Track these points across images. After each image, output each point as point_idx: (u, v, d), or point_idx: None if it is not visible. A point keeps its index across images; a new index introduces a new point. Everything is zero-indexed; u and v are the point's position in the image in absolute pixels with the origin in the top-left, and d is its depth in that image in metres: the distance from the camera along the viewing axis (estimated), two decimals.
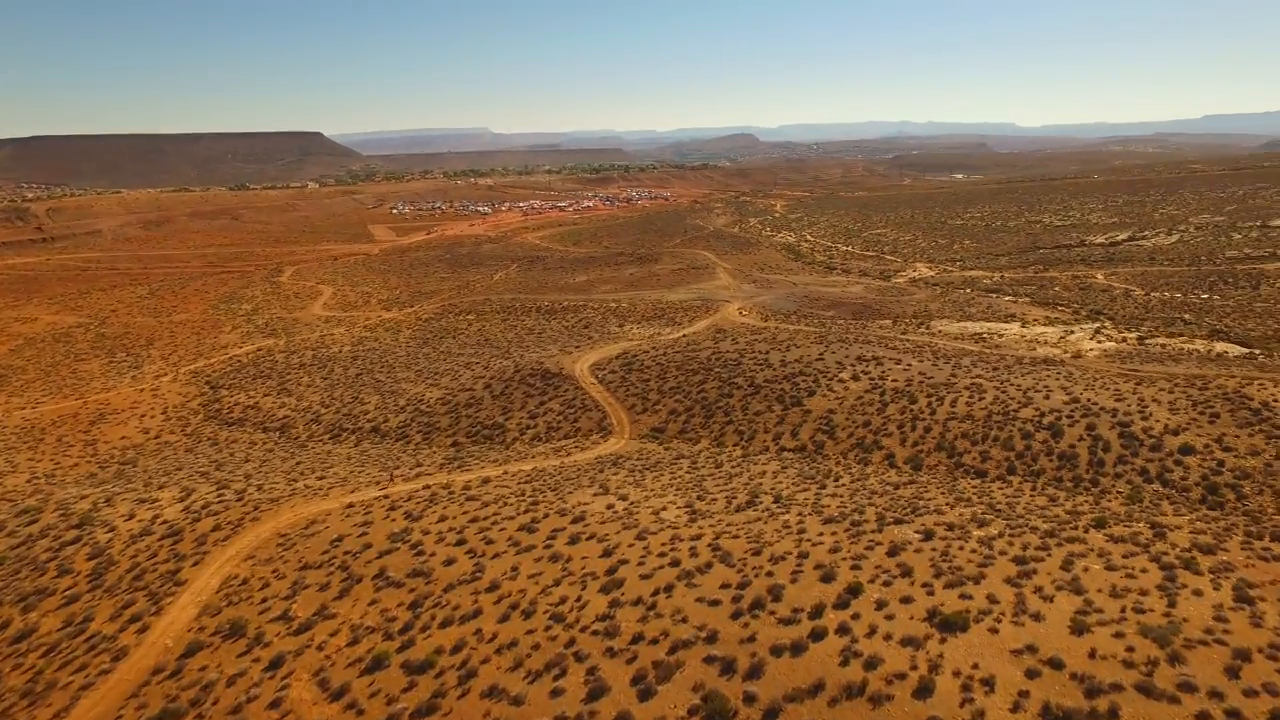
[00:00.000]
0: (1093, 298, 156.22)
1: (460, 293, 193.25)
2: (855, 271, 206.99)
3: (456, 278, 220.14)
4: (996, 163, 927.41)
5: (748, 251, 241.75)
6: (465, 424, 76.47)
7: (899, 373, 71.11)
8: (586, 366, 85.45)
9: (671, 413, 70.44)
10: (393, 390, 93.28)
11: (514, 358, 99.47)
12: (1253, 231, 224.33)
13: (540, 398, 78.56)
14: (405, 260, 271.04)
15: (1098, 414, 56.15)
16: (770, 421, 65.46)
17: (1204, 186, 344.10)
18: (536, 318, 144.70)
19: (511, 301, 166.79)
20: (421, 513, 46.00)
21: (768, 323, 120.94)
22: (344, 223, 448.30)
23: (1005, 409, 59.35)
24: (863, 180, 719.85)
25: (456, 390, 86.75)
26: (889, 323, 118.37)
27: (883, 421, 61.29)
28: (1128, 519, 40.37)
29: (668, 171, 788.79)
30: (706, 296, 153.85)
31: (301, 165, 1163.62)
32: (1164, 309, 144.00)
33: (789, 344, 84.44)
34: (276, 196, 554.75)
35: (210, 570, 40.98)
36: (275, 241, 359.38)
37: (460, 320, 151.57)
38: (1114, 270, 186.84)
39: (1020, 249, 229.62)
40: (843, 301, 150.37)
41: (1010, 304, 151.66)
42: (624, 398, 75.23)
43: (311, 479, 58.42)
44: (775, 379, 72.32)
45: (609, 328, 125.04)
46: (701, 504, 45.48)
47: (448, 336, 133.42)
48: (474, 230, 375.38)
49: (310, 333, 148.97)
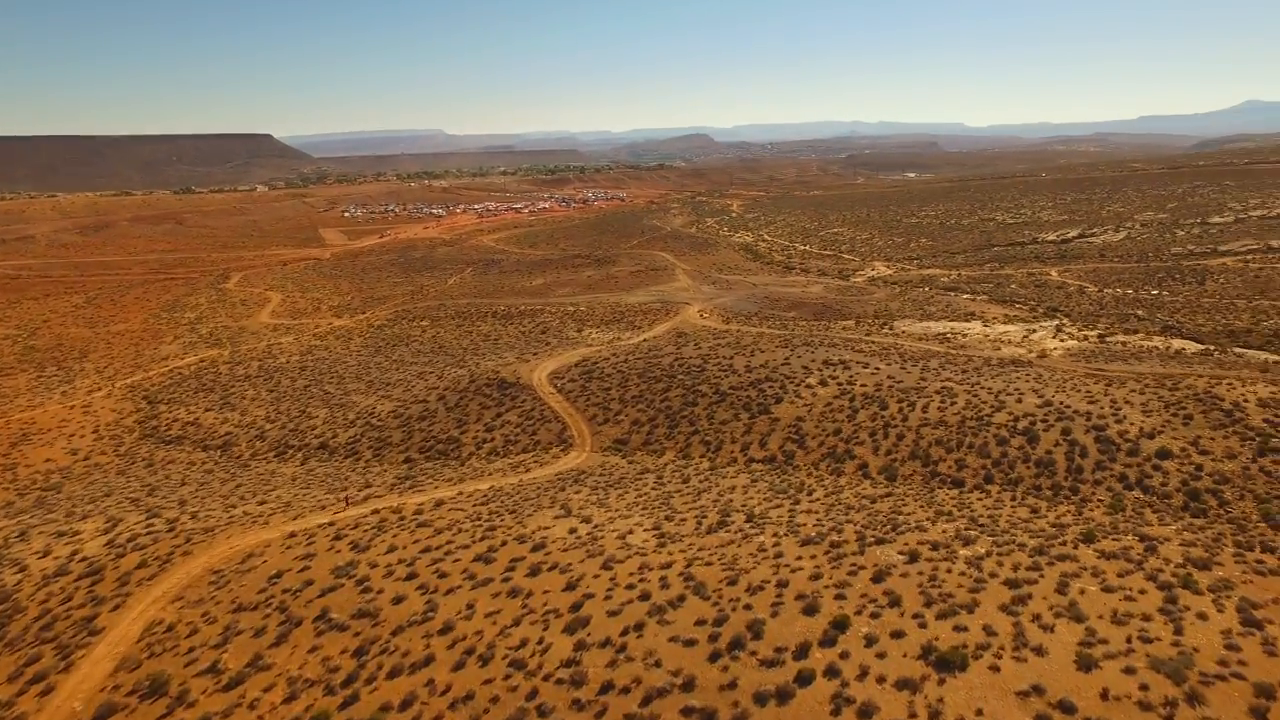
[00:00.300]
0: (1048, 295, 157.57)
1: (414, 298, 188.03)
2: (814, 271, 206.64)
3: (410, 282, 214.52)
4: (947, 161, 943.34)
5: (706, 252, 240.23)
6: (418, 438, 72.70)
7: (867, 377, 69.34)
8: (545, 375, 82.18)
9: (634, 423, 67.63)
10: (342, 403, 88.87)
11: (469, 366, 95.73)
12: (1194, 228, 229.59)
13: (497, 409, 75.11)
14: (357, 265, 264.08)
15: (1072, 418, 54.87)
16: (737, 431, 63.08)
17: (1146, 185, 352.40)
18: (492, 323, 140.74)
19: (467, 306, 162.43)
20: (369, 542, 42.52)
21: (729, 325, 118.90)
22: (294, 227, 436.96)
23: (979, 414, 57.80)
24: (817, 179, 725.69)
25: (409, 402, 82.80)
26: (852, 323, 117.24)
27: (854, 429, 59.30)
28: (1114, 530, 38.79)
29: (623, 172, 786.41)
30: (666, 299, 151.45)
31: (250, 168, 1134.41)
32: (1117, 305, 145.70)
33: (753, 348, 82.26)
34: (224, 200, 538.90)
35: (132, 615, 37.01)
36: (222, 247, 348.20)
37: (414, 327, 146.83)
38: (1067, 267, 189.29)
39: (975, 247, 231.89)
40: (803, 302, 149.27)
41: (969, 302, 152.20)
42: (584, 408, 72.22)
43: (252, 504, 54.37)
44: (741, 385, 70.01)
45: (567, 333, 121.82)
46: (670, 525, 42.79)
47: (400, 344, 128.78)
48: (428, 233, 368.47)
49: (257, 342, 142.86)
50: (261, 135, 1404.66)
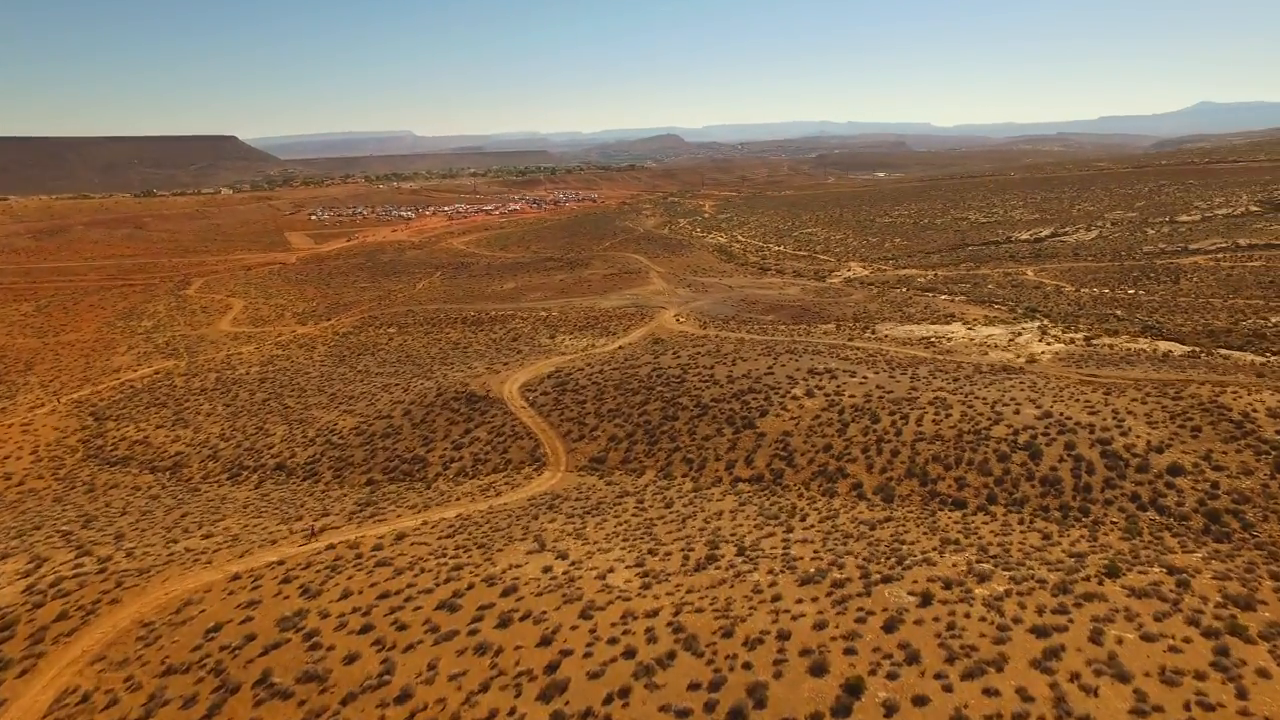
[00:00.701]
0: (1026, 295, 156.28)
1: (381, 304, 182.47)
2: (790, 272, 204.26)
3: (377, 287, 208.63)
4: (916, 161, 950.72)
5: (679, 253, 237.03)
6: (382, 458, 68.21)
7: (856, 387, 66.13)
8: (516, 387, 77.95)
9: (612, 439, 63.76)
10: (302, 418, 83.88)
11: (437, 378, 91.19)
12: (1164, 227, 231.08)
13: (466, 425, 70.79)
14: (323, 269, 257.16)
15: (1074, 430, 52.01)
16: (721, 447, 59.47)
17: (1113, 183, 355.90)
18: (462, 330, 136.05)
19: (435, 312, 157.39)
20: (321, 586, 38.21)
21: (707, 330, 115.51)
22: (259, 230, 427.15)
23: (976, 427, 54.76)
24: (788, 179, 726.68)
25: (373, 417, 78.15)
26: (832, 327, 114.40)
27: (845, 445, 55.97)
28: (1137, 560, 35.72)
29: (595, 173, 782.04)
30: (641, 303, 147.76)
31: (215, 170, 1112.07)
32: (1095, 305, 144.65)
33: (735, 356, 78.79)
34: (186, 203, 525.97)
35: (42, 682, 32.43)
36: (184, 251, 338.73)
37: (380, 334, 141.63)
38: (1042, 266, 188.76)
39: (950, 246, 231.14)
40: (781, 304, 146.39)
41: (948, 303, 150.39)
42: (558, 423, 68.19)
43: (196, 537, 49.69)
44: (723, 397, 66.43)
45: (540, 340, 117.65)
46: (654, 560, 39.02)
47: (366, 353, 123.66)
48: (397, 236, 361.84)
49: (216, 352, 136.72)
50: (226, 137, 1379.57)
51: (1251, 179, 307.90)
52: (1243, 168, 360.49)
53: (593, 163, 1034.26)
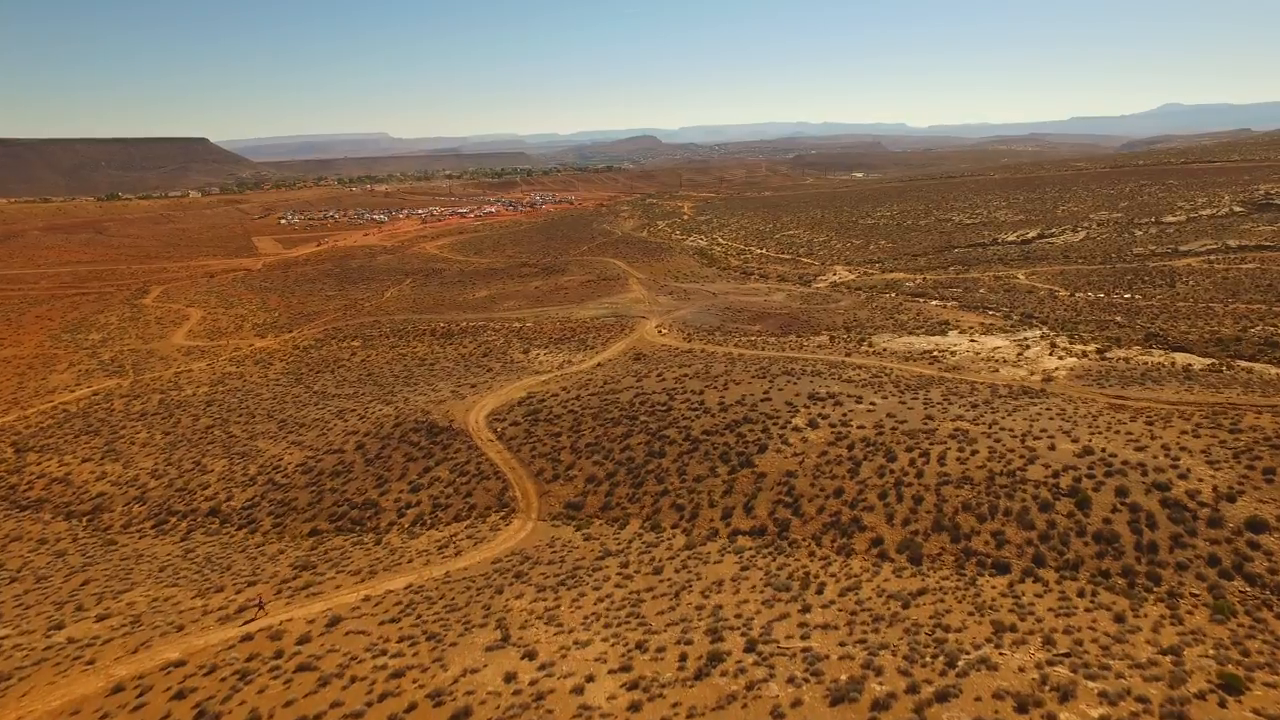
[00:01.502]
0: (1020, 300, 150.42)
1: (347, 313, 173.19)
2: (773, 277, 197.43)
3: (344, 296, 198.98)
4: (892, 161, 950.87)
5: (659, 258, 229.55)
6: (329, 501, 59.87)
7: (864, 415, 58.84)
8: (483, 416, 69.81)
9: (590, 480, 55.92)
10: (245, 451, 75.15)
11: (398, 402, 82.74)
12: (1151, 228, 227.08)
13: (425, 462, 62.60)
14: (290, 276, 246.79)
15: (1124, 472, 45.03)
16: (716, 490, 51.87)
17: (1094, 184, 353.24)
18: (430, 343, 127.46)
19: (403, 323, 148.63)
20: (223, 705, 30.06)
21: (691, 343, 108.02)
22: (225, 235, 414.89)
23: (1008, 466, 47.62)
24: (766, 180, 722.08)
25: (323, 451, 69.70)
26: (825, 340, 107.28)
27: (859, 489, 48.60)
28: (1245, 656, 28.61)
29: (572, 174, 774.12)
30: (620, 312, 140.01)
31: (185, 173, 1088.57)
32: (1093, 311, 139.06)
33: (726, 379, 71.24)
34: (149, 207, 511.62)
35: None
36: (145, 258, 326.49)
37: (343, 348, 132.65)
38: (1033, 270, 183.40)
39: (936, 248, 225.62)
40: (768, 312, 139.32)
41: (940, 309, 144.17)
42: (530, 459, 60.22)
43: (89, 619, 41.23)
44: (716, 429, 58.84)
45: (512, 354, 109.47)
46: (644, 660, 31.28)
47: (325, 370, 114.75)
48: (368, 240, 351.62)
49: (164, 369, 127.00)
50: (196, 139, 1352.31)
51: (1230, 179, 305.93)
52: (1219, 168, 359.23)
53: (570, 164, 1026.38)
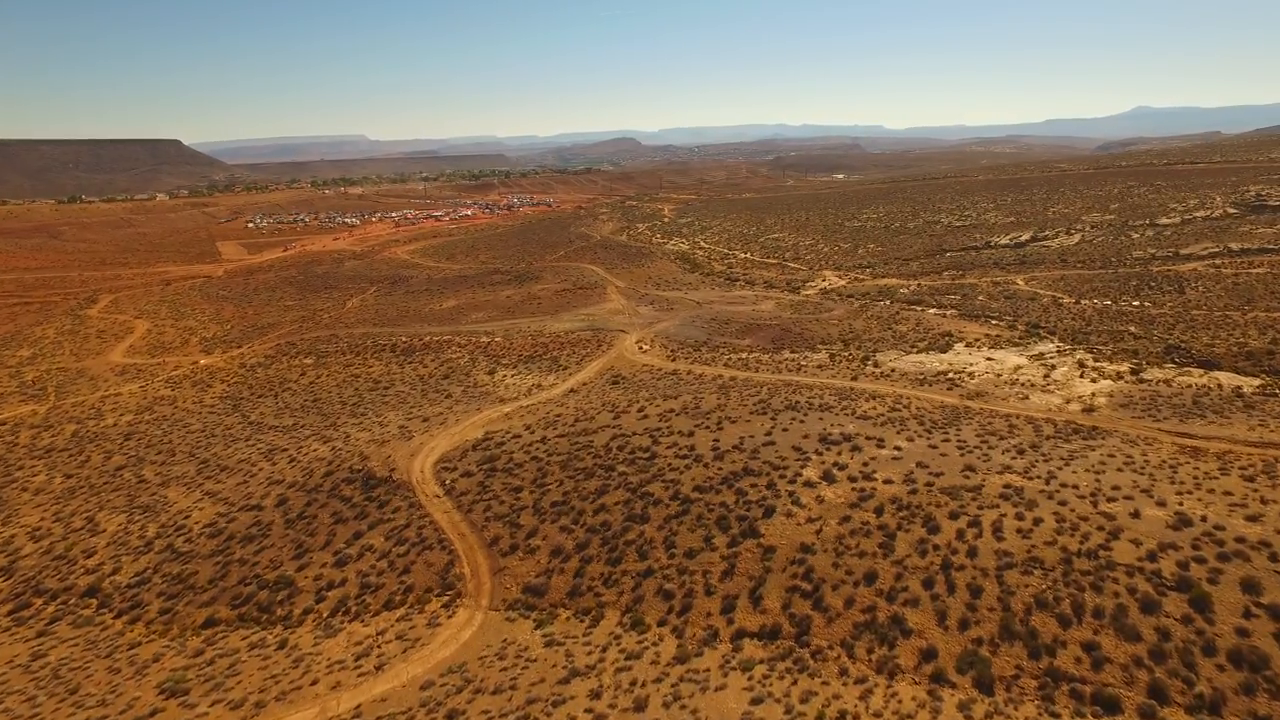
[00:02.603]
0: (1023, 308, 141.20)
1: (304, 326, 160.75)
2: (760, 283, 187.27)
3: (304, 306, 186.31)
4: (872, 163, 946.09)
5: (639, 263, 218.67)
6: (235, 577, 48.36)
7: (889, 465, 48.36)
8: (431, 463, 58.51)
9: (556, 553, 44.87)
10: (151, 503, 63.33)
11: (337, 441, 71.21)
12: (1147, 230, 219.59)
13: (357, 525, 51.30)
14: (250, 284, 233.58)
15: (1243, 555, 34.81)
16: (713, 570, 41.10)
17: (1080, 185, 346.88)
18: (388, 362, 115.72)
19: (362, 338, 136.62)
20: None
21: (676, 362, 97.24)
22: (189, 239, 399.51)
23: (1085, 543, 37.27)
24: (747, 181, 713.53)
25: (239, 505, 58.14)
26: (824, 357, 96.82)
27: (896, 572, 37.99)
28: None
29: (550, 176, 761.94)
30: (597, 324, 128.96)
31: (156, 175, 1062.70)
32: (1103, 320, 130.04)
33: (720, 415, 60.47)
34: (109, 210, 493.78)
35: None
36: (100, 264, 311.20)
37: (293, 367, 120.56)
38: (1031, 275, 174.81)
39: (928, 252, 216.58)
40: (757, 324, 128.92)
41: (939, 318, 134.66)
42: (483, 523, 49.05)
43: None
44: (710, 484, 48.09)
45: (476, 376, 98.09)
46: None
47: (268, 395, 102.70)
48: (338, 245, 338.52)
49: (90, 393, 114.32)
50: (168, 140, 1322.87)
51: (1217, 180, 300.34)
52: (1203, 169, 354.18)
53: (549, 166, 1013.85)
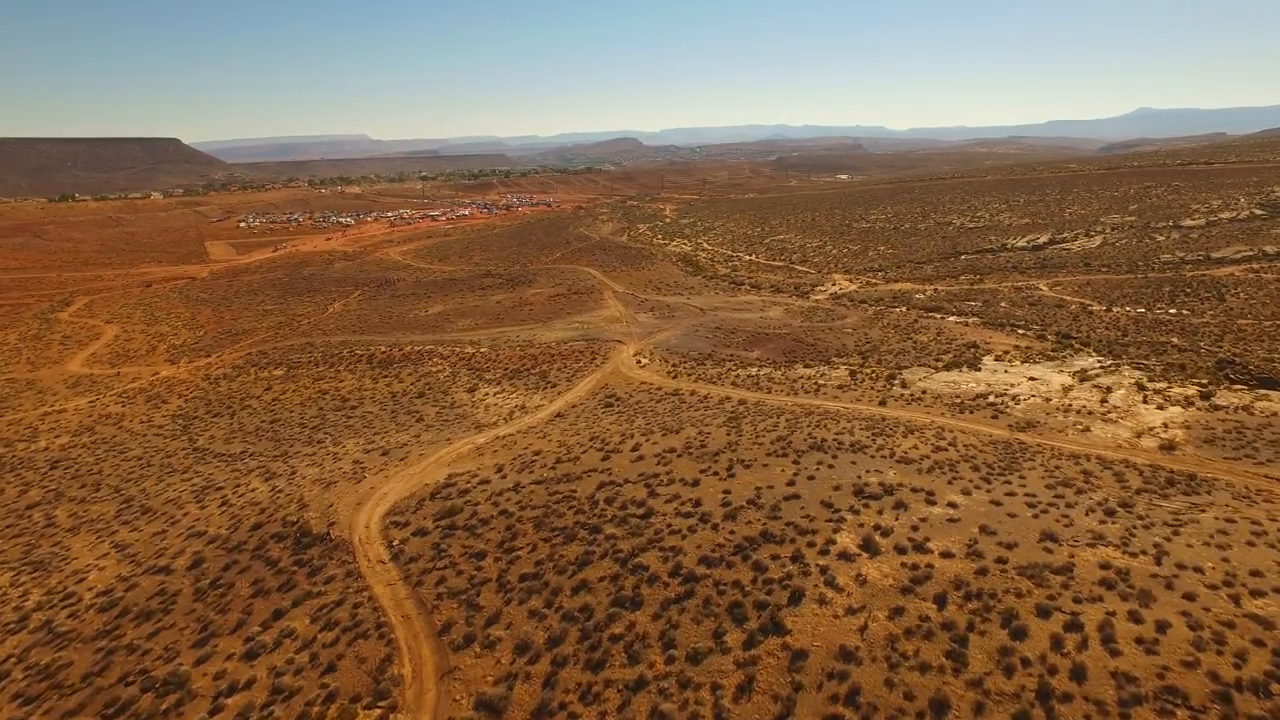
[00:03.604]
0: (1050, 316, 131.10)
1: (280, 332, 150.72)
2: (766, 287, 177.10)
3: (284, 310, 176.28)
4: (875, 163, 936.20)
5: (639, 266, 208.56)
6: (117, 674, 38.12)
7: (944, 529, 38.22)
8: (380, 514, 48.23)
9: (521, 649, 34.61)
10: (46, 558, 53.09)
11: (281, 478, 60.99)
12: (1172, 233, 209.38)
13: (281, 597, 41.14)
14: (234, 286, 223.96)
15: None
16: (726, 684, 30.96)
17: (1095, 185, 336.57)
18: (362, 375, 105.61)
19: (339, 346, 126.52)
20: None
21: (677, 379, 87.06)
22: (177, 239, 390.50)
23: (1242, 667, 27.19)
24: (750, 182, 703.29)
25: (145, 566, 47.97)
26: (844, 375, 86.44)
27: (976, 701, 27.79)
28: None
29: (551, 176, 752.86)
30: (592, 334, 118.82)
31: (154, 174, 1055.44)
32: (1139, 329, 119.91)
33: (730, 458, 50.22)
34: (99, 208, 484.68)
35: None
36: (82, 264, 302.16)
37: (260, 379, 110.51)
38: (1055, 279, 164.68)
39: (942, 255, 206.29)
40: (766, 333, 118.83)
41: (962, 327, 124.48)
42: (434, 602, 38.82)
43: None
44: (721, 554, 37.97)
45: (454, 394, 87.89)
46: None
47: (225, 413, 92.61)
48: (330, 245, 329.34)
49: (31, 410, 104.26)
50: (167, 139, 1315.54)
51: (1237, 181, 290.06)
52: (1220, 169, 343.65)
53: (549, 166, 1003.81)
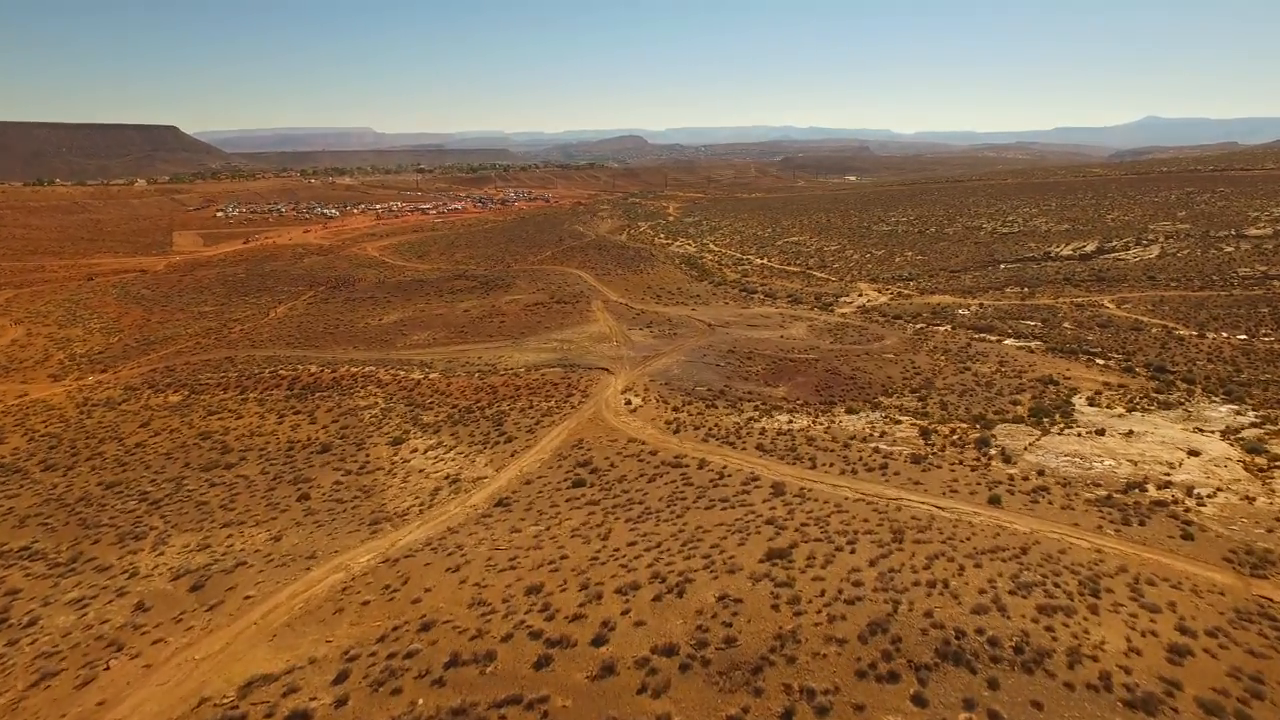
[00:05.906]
0: (1129, 341, 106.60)
1: (205, 341, 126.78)
2: (783, 296, 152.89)
3: (221, 313, 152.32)
4: (883, 165, 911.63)
5: (638, 269, 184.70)
6: None
7: None
8: None
9: None
10: None
11: (15, 627, 37.71)
12: (1240, 243, 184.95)
13: None
14: (183, 282, 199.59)
15: None
16: None
17: (1130, 190, 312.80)
18: (269, 409, 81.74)
19: (263, 364, 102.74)
20: None
21: (680, 436, 63.40)
22: (144, 228, 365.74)
23: None
24: (756, 181, 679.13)
25: None
26: (913, 433, 62.47)
27: None
28: None
29: (551, 171, 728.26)
30: (573, 358, 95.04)
31: (151, 162, 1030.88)
32: (1254, 363, 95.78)
33: (787, 688, 26.65)
34: (67, 194, 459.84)
35: None
36: (28, 253, 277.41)
37: (143, 411, 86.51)
38: (1120, 295, 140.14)
39: (978, 263, 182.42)
40: (790, 359, 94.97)
41: (1025, 354, 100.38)
42: None
43: None
44: None
45: (372, 450, 64.29)
46: None
47: (63, 466, 68.78)
48: (306, 238, 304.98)
49: None
50: (165, 127, 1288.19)
51: None
52: (1264, 175, 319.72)
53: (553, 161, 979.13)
